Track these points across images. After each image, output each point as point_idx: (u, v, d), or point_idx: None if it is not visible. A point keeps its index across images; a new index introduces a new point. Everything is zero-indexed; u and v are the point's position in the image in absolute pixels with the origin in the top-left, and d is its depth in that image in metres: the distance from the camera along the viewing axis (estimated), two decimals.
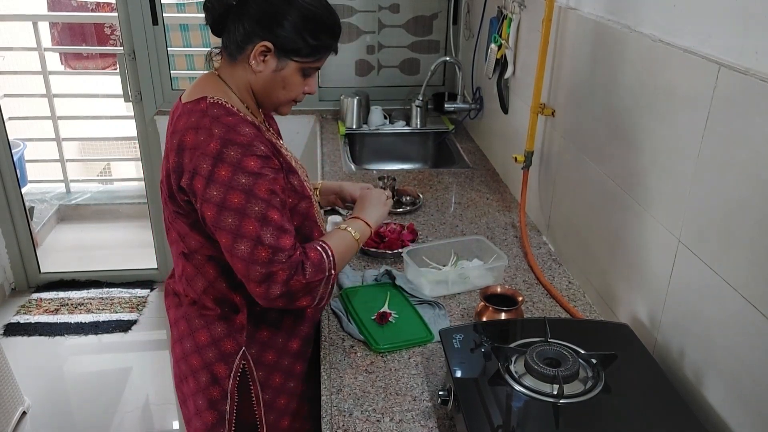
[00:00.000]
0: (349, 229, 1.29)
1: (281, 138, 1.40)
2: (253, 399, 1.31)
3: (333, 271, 1.19)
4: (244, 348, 1.28)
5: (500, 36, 2.14)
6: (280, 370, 1.34)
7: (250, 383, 1.30)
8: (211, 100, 1.17)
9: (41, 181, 4.41)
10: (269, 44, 1.15)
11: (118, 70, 2.95)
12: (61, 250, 3.81)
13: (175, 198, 1.19)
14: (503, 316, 1.32)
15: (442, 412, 1.15)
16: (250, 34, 1.16)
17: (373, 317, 1.40)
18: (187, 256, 1.27)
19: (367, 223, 1.34)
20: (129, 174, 5.07)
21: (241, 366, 1.28)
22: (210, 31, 1.22)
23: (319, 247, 1.19)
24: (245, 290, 1.19)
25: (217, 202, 1.10)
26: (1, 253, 3.25)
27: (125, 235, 3.96)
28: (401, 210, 1.97)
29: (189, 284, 1.29)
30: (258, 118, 1.26)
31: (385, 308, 1.43)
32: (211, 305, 1.28)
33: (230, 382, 1.28)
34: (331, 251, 1.20)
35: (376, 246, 1.71)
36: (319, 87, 2.95)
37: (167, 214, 1.26)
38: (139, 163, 3.23)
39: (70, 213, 4.19)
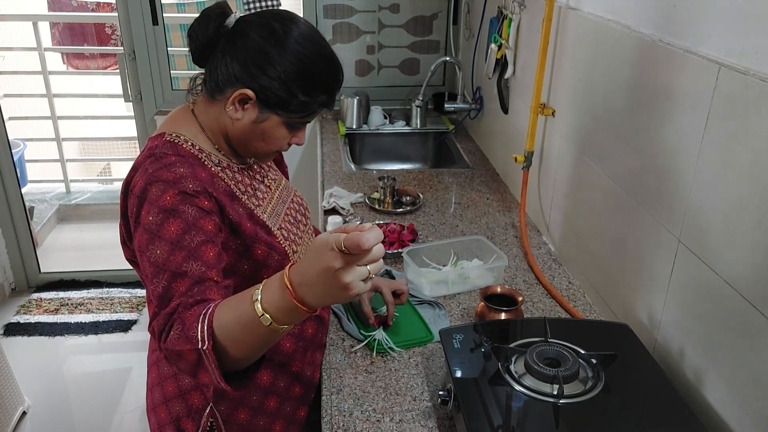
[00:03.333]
0: (255, 295, 0.80)
1: (283, 163, 1.28)
2: None
3: (206, 343, 0.81)
4: (211, 404, 1.14)
5: (500, 36, 2.14)
6: (255, 431, 1.20)
7: None
8: (168, 138, 1.06)
9: (41, 181, 4.41)
10: (250, 93, 1.01)
11: (118, 70, 2.95)
12: (61, 250, 3.81)
13: (126, 244, 1.09)
14: (503, 316, 1.32)
15: (442, 412, 1.15)
16: (231, 77, 1.02)
17: (371, 321, 1.39)
18: (150, 302, 1.12)
19: (290, 288, 0.77)
20: None
21: (209, 424, 1.15)
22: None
23: (202, 312, 0.85)
24: None
25: (137, 246, 0.98)
26: (1, 253, 3.25)
27: None
28: (401, 210, 1.97)
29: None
30: (230, 160, 1.13)
31: (386, 310, 1.42)
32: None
33: None
34: (208, 321, 0.83)
35: None
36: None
37: (126, 257, 1.14)
38: None
39: (70, 213, 4.19)
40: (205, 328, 0.82)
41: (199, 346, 0.81)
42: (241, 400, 1.17)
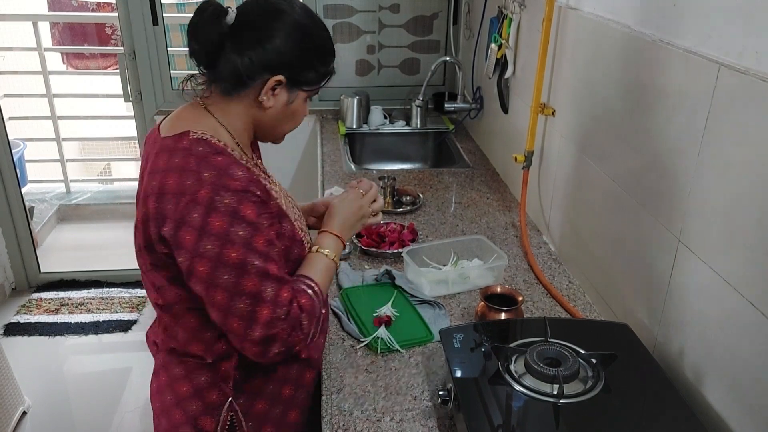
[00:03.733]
0: (325, 251, 1.18)
1: (267, 173, 1.29)
2: None
3: (323, 311, 1.14)
4: (231, 398, 1.16)
5: (500, 36, 2.14)
6: (272, 421, 1.22)
7: None
8: (194, 136, 1.04)
9: (41, 181, 4.41)
10: (281, 77, 1.06)
11: (118, 70, 2.95)
12: (61, 250, 3.81)
13: (153, 249, 1.05)
14: (503, 316, 1.32)
15: (442, 411, 1.15)
16: (257, 68, 1.04)
17: (372, 320, 1.40)
18: (163, 308, 1.14)
19: (336, 235, 1.21)
20: (129, 174, 5.08)
21: (230, 417, 1.16)
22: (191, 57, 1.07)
23: (309, 291, 1.10)
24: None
25: (211, 256, 0.99)
26: (1, 253, 3.25)
27: (125, 235, 3.91)
28: (401, 210, 1.98)
29: (168, 335, 1.17)
30: (247, 156, 1.14)
31: (387, 310, 1.42)
32: (193, 354, 1.15)
33: None
34: (319, 289, 1.12)
35: (376, 246, 1.71)
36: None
37: (141, 263, 1.12)
38: (139, 163, 3.23)
39: (70, 213, 4.19)
40: (320, 298, 1.12)
41: (318, 315, 1.11)
42: (259, 390, 1.19)
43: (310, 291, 1.10)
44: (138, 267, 1.16)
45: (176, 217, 0.99)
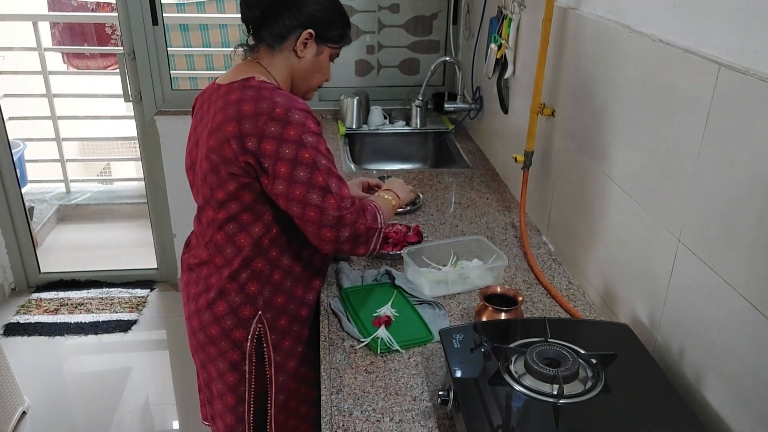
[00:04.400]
0: (387, 196, 1.50)
1: None
2: (266, 360, 1.44)
3: (383, 225, 1.37)
4: (260, 312, 1.40)
5: (500, 36, 2.14)
6: (291, 335, 1.46)
7: (264, 346, 1.43)
8: (260, 79, 1.32)
9: (41, 181, 4.41)
10: (311, 31, 1.36)
11: (118, 70, 2.95)
12: (61, 250, 3.81)
13: (230, 163, 1.28)
14: (503, 316, 1.32)
15: (442, 412, 1.15)
16: (293, 25, 1.35)
17: (371, 320, 1.40)
18: (221, 226, 1.36)
19: (397, 195, 1.53)
20: (129, 174, 5.08)
21: (258, 330, 1.41)
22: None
23: (370, 204, 1.37)
24: (270, 256, 1.38)
25: (290, 158, 1.24)
26: (1, 253, 3.25)
27: (125, 235, 3.96)
28: (401, 210, 1.97)
29: (218, 251, 1.39)
30: None
31: (386, 311, 1.42)
32: (233, 275, 1.37)
33: (248, 345, 1.41)
34: (380, 209, 1.38)
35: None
36: (319, 87, 2.94)
37: (206, 190, 1.35)
38: (139, 163, 3.24)
39: (70, 213, 4.19)
40: (381, 215, 1.37)
41: (380, 226, 1.36)
42: (283, 308, 1.43)
43: (370, 204, 1.38)
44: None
45: (258, 133, 1.25)
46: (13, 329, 3.01)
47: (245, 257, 1.37)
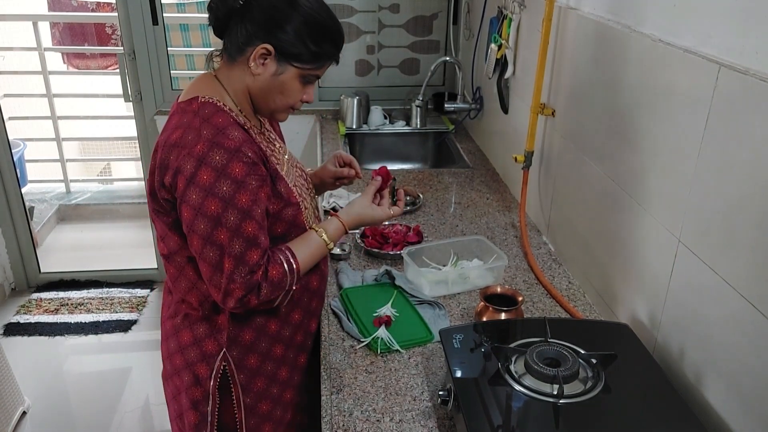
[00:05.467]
0: (322, 233, 1.27)
1: (283, 140, 1.39)
2: (234, 402, 1.29)
3: (294, 286, 1.21)
4: (224, 349, 1.26)
5: (500, 36, 2.14)
6: (263, 375, 1.31)
7: (231, 385, 1.28)
8: (203, 100, 1.16)
9: (41, 181, 4.41)
10: (270, 47, 1.13)
11: (118, 70, 2.95)
12: (61, 250, 3.81)
13: (156, 195, 1.18)
14: (503, 316, 1.32)
15: (442, 412, 1.15)
16: (251, 36, 1.14)
17: (372, 320, 1.39)
18: (168, 258, 1.26)
19: (341, 221, 1.32)
20: (129, 174, 5.07)
21: (222, 367, 1.27)
22: (211, 31, 1.21)
23: (285, 263, 1.18)
24: None
25: (194, 205, 1.10)
26: (1, 253, 3.25)
27: (125, 235, 3.96)
28: None
29: (174, 284, 1.29)
30: (250, 122, 1.23)
31: (387, 311, 1.42)
32: (195, 305, 1.27)
33: (211, 383, 1.27)
34: (297, 265, 1.20)
35: (379, 247, 1.71)
36: (319, 87, 2.95)
37: (149, 212, 1.25)
38: (139, 163, 3.24)
39: (70, 213, 4.19)
40: (295, 275, 1.20)
41: (287, 289, 1.19)
42: (251, 346, 1.28)
43: (285, 265, 1.19)
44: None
45: (175, 166, 1.11)
46: (13, 329, 3.01)
47: (202, 290, 1.24)
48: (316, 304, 1.39)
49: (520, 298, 1.35)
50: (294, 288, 1.21)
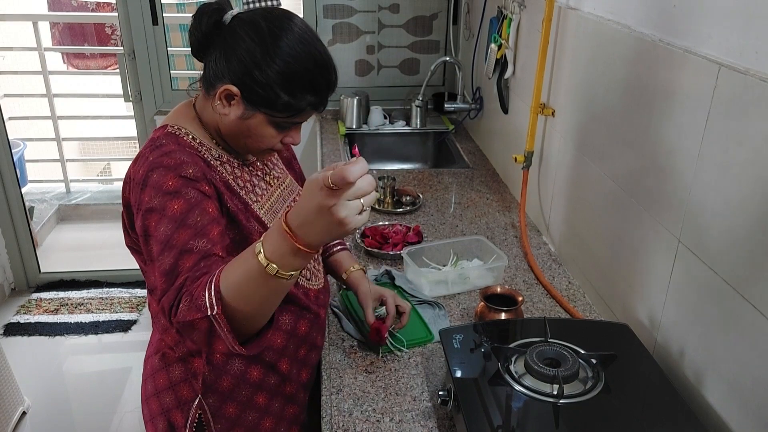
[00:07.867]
0: (258, 248, 0.83)
1: (293, 168, 1.30)
2: None
3: (215, 308, 0.84)
4: (200, 396, 1.15)
5: (500, 36, 2.14)
6: (243, 426, 1.20)
7: None
8: (170, 130, 1.09)
9: (41, 181, 4.40)
10: (234, 89, 1.02)
11: (118, 70, 2.96)
12: (61, 250, 3.81)
13: (128, 232, 1.11)
14: (503, 316, 1.31)
15: (442, 412, 1.15)
16: (220, 72, 1.03)
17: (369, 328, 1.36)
18: (150, 292, 1.17)
19: (285, 228, 0.81)
20: None
21: (198, 415, 1.16)
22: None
23: (208, 280, 0.88)
24: None
25: (140, 230, 0.99)
26: (1, 253, 3.25)
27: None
28: (401, 210, 1.97)
29: (154, 321, 1.21)
30: (228, 155, 1.14)
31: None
32: (171, 344, 1.17)
33: None
34: (215, 286, 0.85)
35: (379, 247, 1.71)
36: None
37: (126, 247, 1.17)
38: None
39: (70, 213, 4.19)
40: (212, 293, 0.85)
41: (209, 312, 0.84)
42: (229, 394, 1.17)
43: (207, 280, 0.88)
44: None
45: (128, 199, 1.04)
46: (13, 329, 3.01)
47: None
48: (305, 353, 1.24)
49: (520, 299, 1.35)
50: (217, 318, 0.84)
